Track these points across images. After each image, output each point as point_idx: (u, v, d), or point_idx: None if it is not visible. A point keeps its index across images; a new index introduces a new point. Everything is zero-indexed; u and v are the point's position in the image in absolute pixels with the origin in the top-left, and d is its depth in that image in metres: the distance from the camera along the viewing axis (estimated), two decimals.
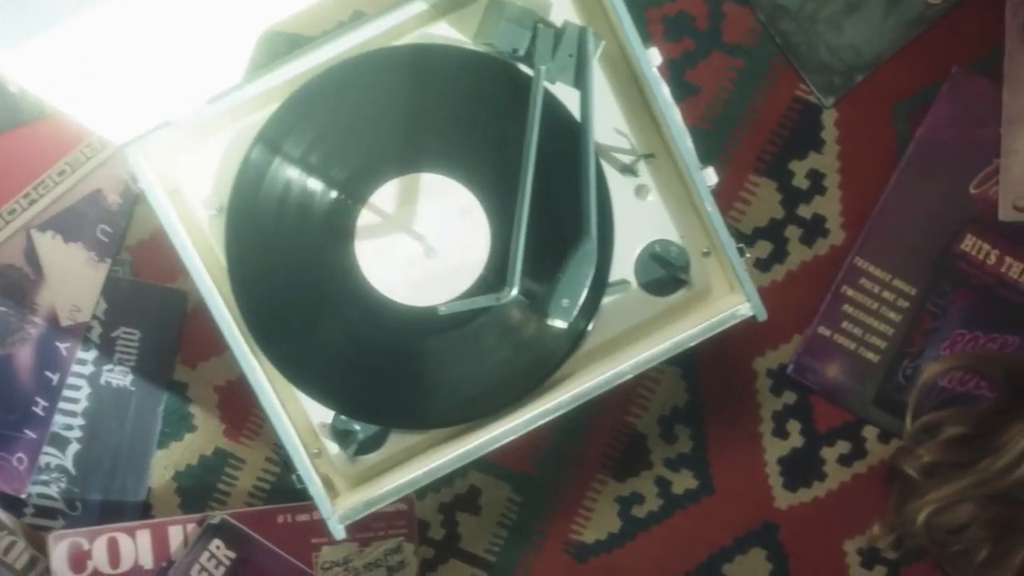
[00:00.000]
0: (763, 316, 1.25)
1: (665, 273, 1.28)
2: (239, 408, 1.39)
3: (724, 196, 1.41)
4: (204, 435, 1.40)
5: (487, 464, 1.42)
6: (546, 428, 1.41)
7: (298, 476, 1.24)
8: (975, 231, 1.43)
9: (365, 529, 1.40)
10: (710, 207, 1.24)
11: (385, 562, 1.41)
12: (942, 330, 1.44)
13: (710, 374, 1.44)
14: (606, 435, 1.43)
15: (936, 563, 1.48)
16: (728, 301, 1.27)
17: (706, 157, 1.32)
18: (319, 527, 1.29)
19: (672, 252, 1.28)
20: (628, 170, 1.26)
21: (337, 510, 1.24)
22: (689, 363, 1.43)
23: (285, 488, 1.39)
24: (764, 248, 1.43)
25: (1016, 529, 1.46)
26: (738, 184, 1.42)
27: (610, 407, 1.43)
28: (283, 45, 1.31)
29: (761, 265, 1.43)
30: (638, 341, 1.27)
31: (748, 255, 1.26)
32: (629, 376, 1.25)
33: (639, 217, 1.27)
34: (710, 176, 1.25)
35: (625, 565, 1.45)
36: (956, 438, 1.44)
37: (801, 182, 1.43)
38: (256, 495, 1.41)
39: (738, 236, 1.42)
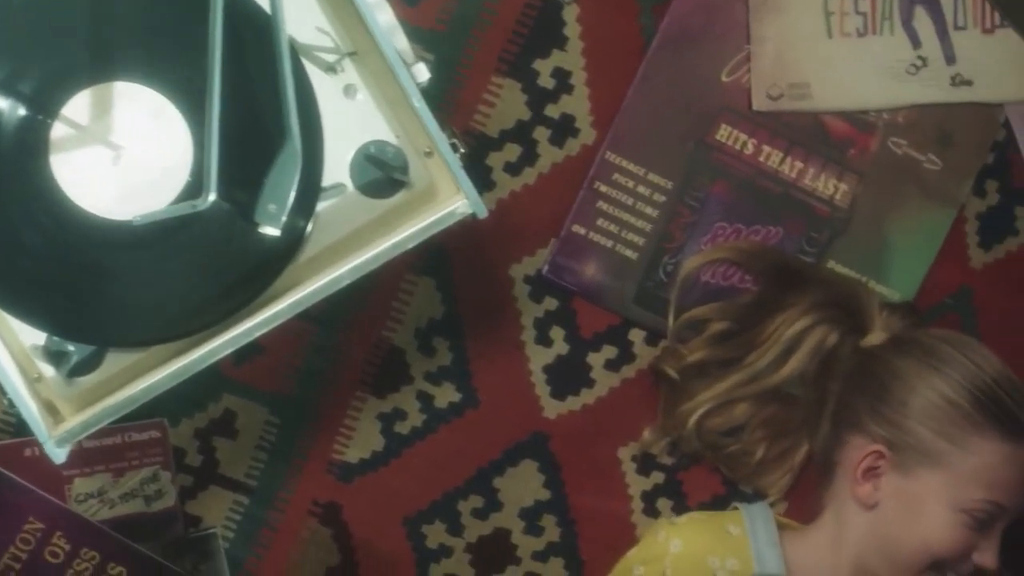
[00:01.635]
0: (483, 213, 1.21)
1: (382, 175, 1.24)
2: None
3: (466, 99, 1.38)
4: None
5: (241, 386, 1.39)
6: (299, 346, 1.39)
7: (9, 400, 1.20)
8: (729, 120, 1.39)
9: (118, 459, 1.37)
10: (418, 103, 1.19)
11: (142, 491, 1.38)
12: (702, 224, 1.41)
13: (466, 283, 1.40)
14: (362, 351, 1.40)
15: (713, 466, 1.44)
16: (454, 201, 1.23)
17: (443, 59, 1.28)
18: (71, 459, 1.26)
19: (388, 153, 1.24)
20: (331, 69, 1.22)
21: (56, 434, 1.21)
22: (444, 273, 1.40)
23: None
24: (513, 152, 1.39)
25: (792, 428, 1.43)
26: (481, 87, 1.38)
27: (364, 322, 1.39)
28: None
29: (511, 169, 1.39)
30: (363, 246, 1.24)
31: (463, 150, 1.22)
32: (348, 282, 1.21)
33: (351, 118, 1.23)
34: (420, 73, 1.21)
35: (392, 483, 1.41)
36: (721, 333, 1.41)
37: (547, 81, 1.39)
38: (2, 429, 1.37)
39: (484, 140, 1.38)
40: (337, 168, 1.23)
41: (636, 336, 1.42)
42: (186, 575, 1.37)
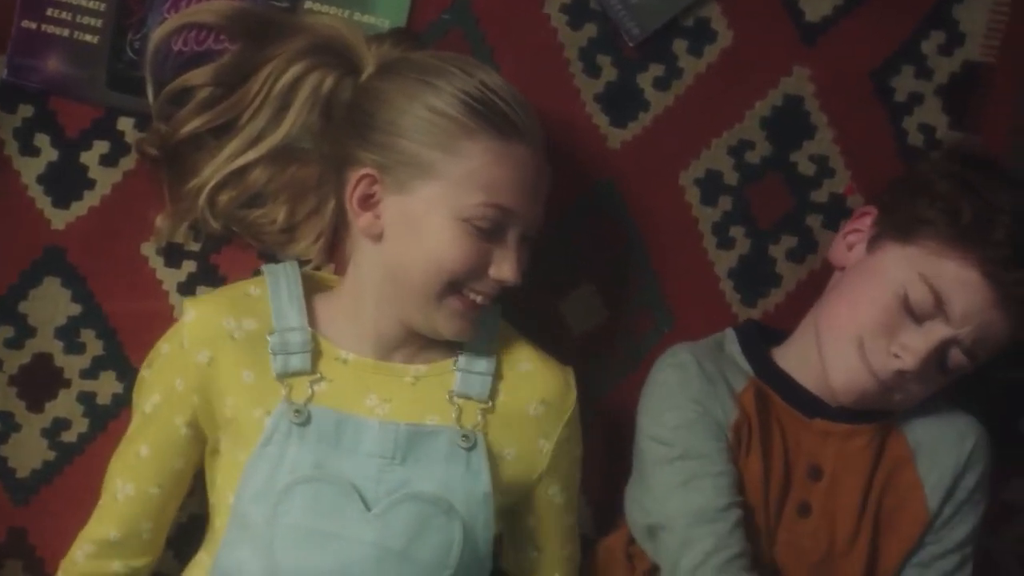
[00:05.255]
0: None
1: None
2: None
3: None
4: None
5: None
6: None
7: None
8: None
9: None
10: None
11: None
12: None
13: None
14: None
15: (245, 242, 1.37)
16: None
17: None
18: None
19: None
20: None
21: None
22: None
23: None
24: None
25: (312, 185, 1.36)
26: None
27: None
28: None
29: None
30: None
31: None
32: None
33: None
34: None
35: None
36: (207, 100, 1.33)
37: None
38: None
39: None
40: None
41: (125, 124, 1.34)
42: None
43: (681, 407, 1.32)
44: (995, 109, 1.46)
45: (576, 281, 1.44)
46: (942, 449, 1.37)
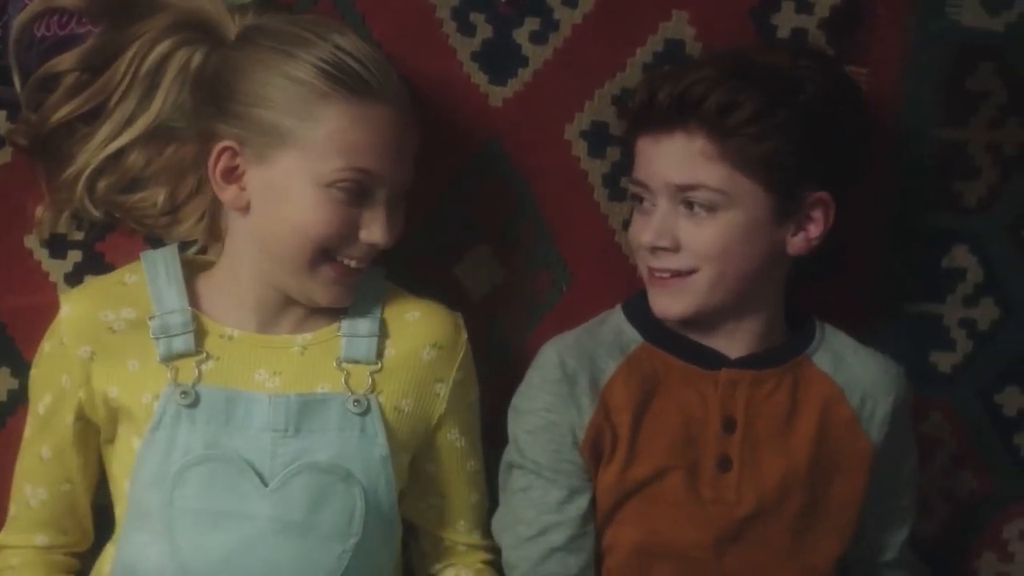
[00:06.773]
0: None
1: None
2: None
3: None
4: None
5: None
6: None
7: None
8: None
9: None
10: None
11: None
12: None
13: None
14: None
15: (130, 228, 1.36)
16: None
17: None
18: None
19: None
20: None
21: None
22: None
23: None
24: None
25: (190, 165, 1.34)
26: None
27: None
28: None
29: None
30: None
31: None
32: None
33: None
34: None
35: None
36: (77, 85, 1.32)
37: None
38: None
39: None
40: None
41: None
42: None
43: (533, 412, 1.32)
44: (881, 39, 1.45)
45: (470, 243, 1.43)
46: (868, 381, 1.36)
